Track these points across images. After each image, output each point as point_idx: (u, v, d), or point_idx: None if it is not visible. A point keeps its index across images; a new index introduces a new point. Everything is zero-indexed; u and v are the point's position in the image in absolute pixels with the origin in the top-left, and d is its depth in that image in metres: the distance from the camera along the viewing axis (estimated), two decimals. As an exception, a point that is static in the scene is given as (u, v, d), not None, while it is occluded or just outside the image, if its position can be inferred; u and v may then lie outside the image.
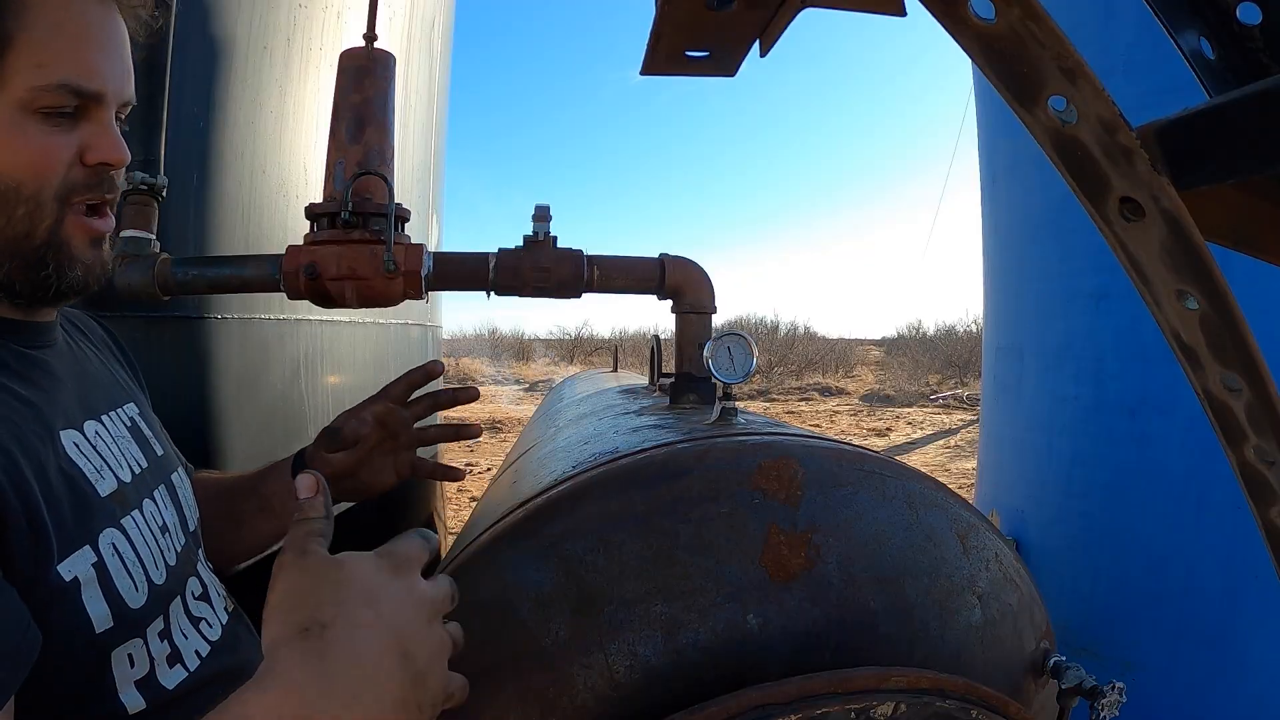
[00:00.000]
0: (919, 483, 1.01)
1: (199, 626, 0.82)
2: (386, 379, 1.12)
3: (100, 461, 0.75)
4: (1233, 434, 0.54)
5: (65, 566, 0.65)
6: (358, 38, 1.36)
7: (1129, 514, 2.37)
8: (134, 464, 0.82)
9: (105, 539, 0.71)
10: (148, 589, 0.74)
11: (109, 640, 0.68)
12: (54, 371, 0.77)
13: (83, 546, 0.67)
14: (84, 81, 0.68)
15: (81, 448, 0.73)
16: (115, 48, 0.72)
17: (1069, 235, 2.58)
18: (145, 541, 0.77)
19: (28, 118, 0.66)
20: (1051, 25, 0.46)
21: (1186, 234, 0.49)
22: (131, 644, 0.70)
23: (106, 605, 0.68)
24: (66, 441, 0.72)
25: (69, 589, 0.65)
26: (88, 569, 0.67)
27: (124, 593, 0.71)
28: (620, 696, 0.83)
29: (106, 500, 0.73)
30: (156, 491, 0.84)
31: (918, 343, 23.85)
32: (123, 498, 0.76)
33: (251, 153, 1.85)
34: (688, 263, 1.49)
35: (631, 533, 0.88)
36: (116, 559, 0.71)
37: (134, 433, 0.86)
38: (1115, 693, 0.99)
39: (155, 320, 1.63)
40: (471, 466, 9.10)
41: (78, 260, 0.73)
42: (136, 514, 0.77)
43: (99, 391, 0.84)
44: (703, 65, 0.76)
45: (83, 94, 0.68)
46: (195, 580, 0.85)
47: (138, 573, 0.74)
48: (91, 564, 0.68)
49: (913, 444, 11.27)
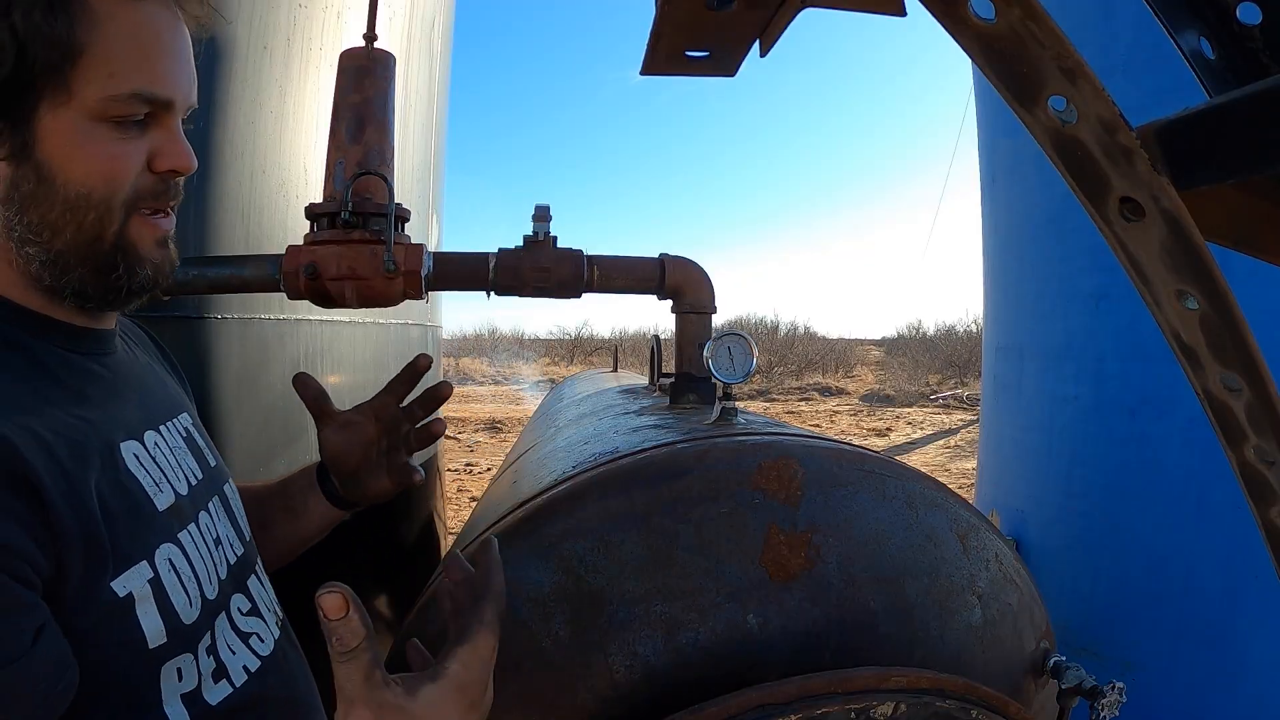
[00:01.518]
0: (919, 483, 1.01)
1: (248, 641, 0.80)
2: (387, 379, 1.12)
3: (159, 474, 0.74)
4: (1233, 434, 0.54)
5: (120, 583, 0.64)
6: (358, 38, 1.36)
7: (1129, 514, 2.37)
8: (190, 476, 0.80)
9: (162, 554, 0.70)
10: (200, 603, 0.74)
11: (161, 655, 0.68)
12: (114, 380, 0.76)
13: (139, 562, 0.67)
14: (155, 90, 0.69)
15: (141, 459, 0.72)
16: (182, 54, 0.72)
17: (1069, 235, 2.58)
18: (200, 556, 0.76)
19: (98, 126, 0.67)
20: (1051, 25, 0.46)
21: (1186, 234, 0.49)
22: (182, 658, 0.70)
23: (161, 620, 0.68)
24: (127, 453, 0.71)
25: (123, 605, 0.64)
26: (143, 585, 0.67)
27: (179, 608, 0.71)
28: (620, 696, 0.83)
29: (164, 514, 0.72)
30: (211, 504, 0.83)
31: (918, 343, 23.86)
32: (180, 511, 0.75)
33: (251, 153, 1.85)
34: (688, 263, 1.49)
35: (631, 533, 0.88)
36: (172, 574, 0.71)
37: (189, 443, 0.84)
38: (1115, 693, 0.99)
39: (155, 320, 1.63)
40: (471, 466, 9.10)
41: (146, 260, 0.73)
42: (192, 527, 0.77)
43: (156, 401, 0.83)
44: (703, 65, 0.76)
45: (154, 101, 0.69)
46: (243, 596, 0.84)
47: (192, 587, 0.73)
48: (147, 580, 0.67)
49: (913, 444, 11.27)
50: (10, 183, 0.66)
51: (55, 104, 0.65)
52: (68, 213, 0.67)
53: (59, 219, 0.67)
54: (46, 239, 0.68)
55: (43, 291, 0.70)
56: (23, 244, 0.67)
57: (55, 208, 0.67)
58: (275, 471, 1.93)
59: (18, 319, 0.69)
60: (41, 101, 0.64)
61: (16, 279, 0.69)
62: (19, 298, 0.69)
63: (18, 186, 0.66)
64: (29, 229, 0.67)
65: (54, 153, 0.66)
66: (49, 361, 0.69)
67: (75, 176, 0.67)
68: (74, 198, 0.67)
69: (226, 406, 1.79)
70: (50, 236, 0.68)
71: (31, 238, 0.67)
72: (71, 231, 0.68)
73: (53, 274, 0.69)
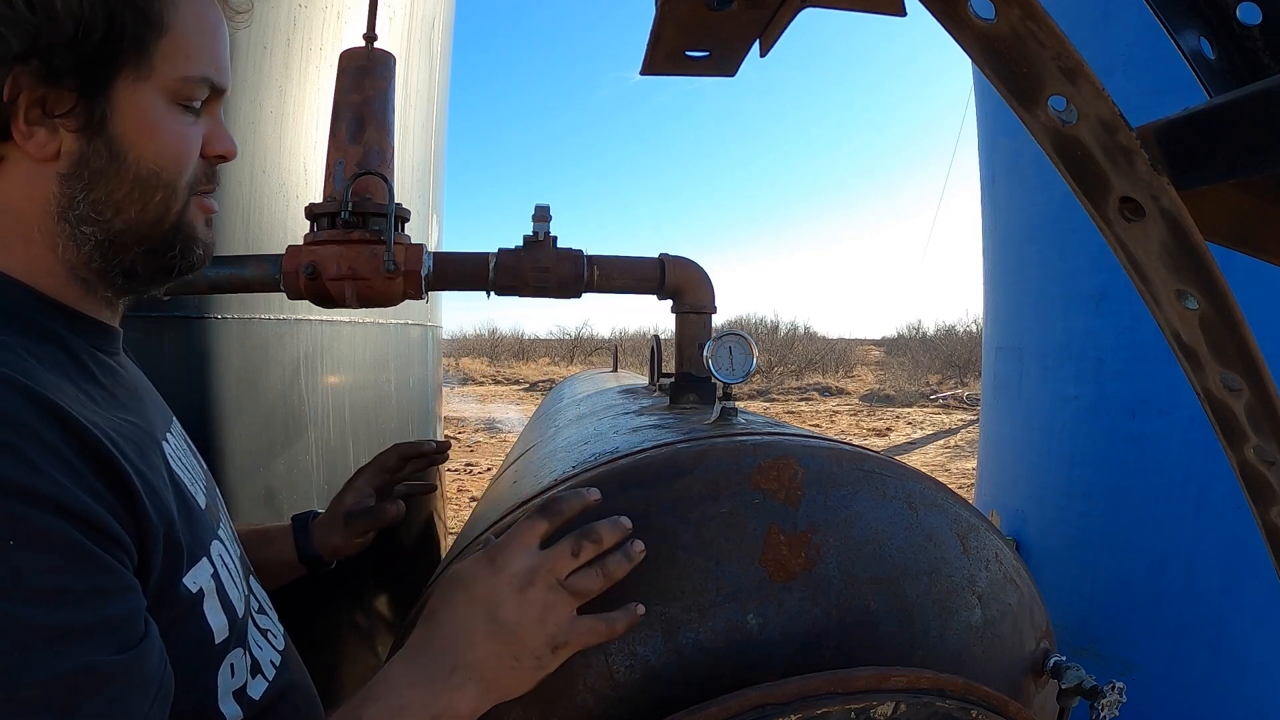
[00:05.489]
0: (919, 483, 1.01)
1: (267, 638, 0.81)
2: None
3: (188, 473, 0.74)
4: (1233, 434, 0.54)
5: (190, 579, 0.65)
6: (358, 38, 1.36)
7: (1129, 514, 2.36)
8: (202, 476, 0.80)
9: (215, 549, 0.71)
10: (242, 599, 0.75)
11: (222, 651, 0.68)
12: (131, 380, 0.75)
13: (201, 559, 0.67)
14: (217, 76, 0.70)
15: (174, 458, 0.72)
16: (228, 44, 0.73)
17: (1069, 235, 2.58)
18: (231, 552, 0.77)
19: (171, 107, 0.67)
20: (1051, 25, 0.46)
21: (1186, 234, 0.49)
22: (235, 653, 0.71)
23: (224, 615, 0.69)
24: (166, 451, 0.70)
25: (194, 600, 0.65)
26: (208, 580, 0.67)
27: (235, 602, 0.71)
28: (620, 696, 0.83)
29: (204, 511, 0.73)
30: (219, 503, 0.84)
31: (918, 343, 23.85)
32: (211, 509, 0.76)
33: (251, 153, 1.85)
34: (688, 263, 1.49)
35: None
36: (225, 569, 0.71)
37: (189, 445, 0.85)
38: (1115, 693, 0.99)
39: (155, 320, 1.63)
40: (471, 466, 9.11)
41: (199, 240, 0.74)
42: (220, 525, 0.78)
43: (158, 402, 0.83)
44: (703, 65, 0.76)
45: (215, 88, 0.70)
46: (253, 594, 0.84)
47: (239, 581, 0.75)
48: (210, 575, 0.68)
49: (913, 444, 11.27)
50: (79, 158, 0.63)
51: (136, 79, 0.64)
52: (135, 191, 0.66)
53: (125, 197, 0.66)
54: (108, 217, 0.66)
55: (79, 282, 0.69)
56: (80, 222, 0.65)
57: (123, 186, 0.65)
58: (276, 471, 1.93)
59: (53, 312, 0.67)
60: (120, 75, 0.63)
61: (56, 267, 0.67)
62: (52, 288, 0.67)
63: (87, 162, 0.64)
64: (92, 206, 0.65)
65: (128, 129, 0.64)
66: (84, 357, 0.67)
67: (147, 154, 0.66)
68: (145, 176, 0.66)
69: (226, 406, 1.79)
70: (112, 215, 0.66)
71: (93, 215, 0.65)
72: (136, 210, 0.67)
73: (104, 255, 0.68)
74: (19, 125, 0.61)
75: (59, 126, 0.62)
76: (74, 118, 0.62)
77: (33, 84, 0.60)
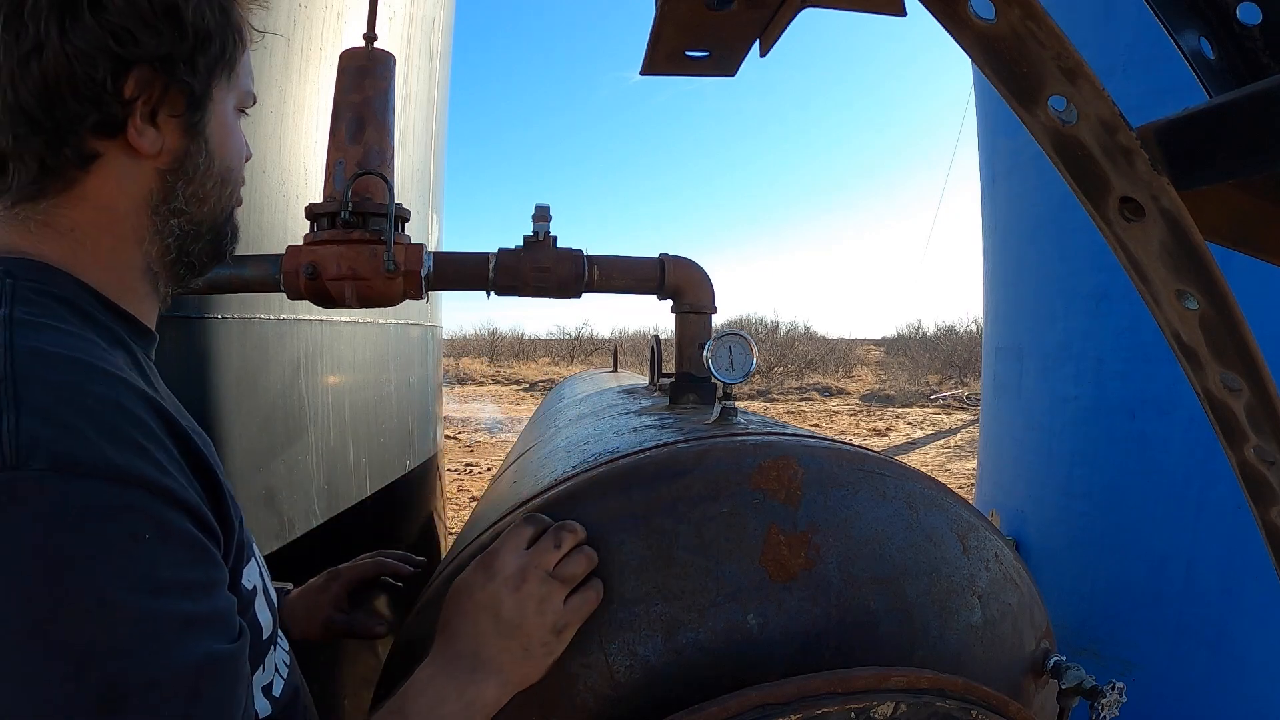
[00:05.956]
0: (919, 483, 1.01)
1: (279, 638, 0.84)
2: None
3: None
4: (1233, 434, 0.54)
5: (247, 576, 0.67)
6: (358, 38, 1.36)
7: (1129, 514, 2.36)
8: None
9: (256, 548, 0.74)
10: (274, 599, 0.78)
11: (266, 647, 0.71)
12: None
13: (251, 557, 0.70)
14: (254, 91, 0.79)
15: None
16: None
17: (1069, 235, 2.58)
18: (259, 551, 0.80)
19: (235, 114, 0.75)
20: (1051, 25, 0.46)
21: (1186, 234, 0.49)
22: (272, 651, 0.74)
23: (269, 613, 0.72)
24: None
25: (250, 597, 0.68)
26: (258, 577, 0.71)
27: (274, 602, 0.75)
28: (620, 696, 0.83)
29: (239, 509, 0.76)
30: None
31: (918, 343, 23.85)
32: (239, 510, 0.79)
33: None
34: (688, 263, 1.49)
35: (631, 532, 0.88)
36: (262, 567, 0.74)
37: None
38: (1115, 693, 0.99)
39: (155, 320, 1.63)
40: (471, 466, 9.11)
41: (238, 229, 0.81)
42: None
43: None
44: (703, 65, 0.76)
45: (254, 99, 0.80)
46: None
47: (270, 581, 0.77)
48: (259, 573, 0.71)
49: (913, 444, 11.27)
50: (183, 153, 0.69)
51: (223, 88, 0.72)
52: (215, 186, 0.73)
53: (209, 191, 0.73)
54: (194, 209, 0.72)
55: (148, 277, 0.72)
56: (172, 215, 0.70)
57: (210, 180, 0.73)
58: (276, 471, 1.93)
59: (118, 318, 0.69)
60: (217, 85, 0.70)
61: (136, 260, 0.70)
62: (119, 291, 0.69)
63: (191, 158, 0.70)
64: (187, 200, 0.71)
65: (215, 131, 0.72)
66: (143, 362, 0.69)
67: (226, 154, 0.74)
68: (224, 172, 0.74)
69: (226, 406, 1.79)
70: (197, 207, 0.72)
71: (184, 208, 0.71)
72: (213, 202, 0.74)
73: (181, 245, 0.72)
74: (135, 122, 0.65)
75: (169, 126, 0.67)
76: (183, 119, 0.68)
77: (153, 85, 0.65)
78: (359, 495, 2.38)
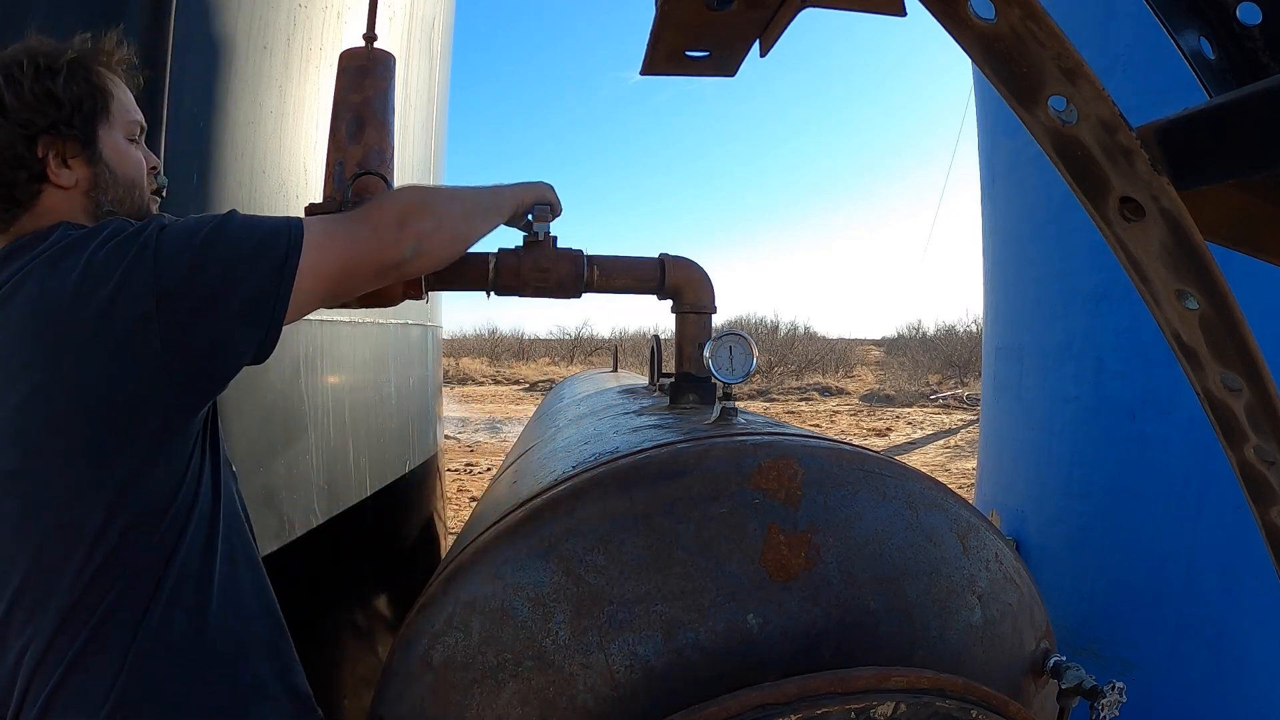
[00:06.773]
0: (919, 483, 1.01)
1: None
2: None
3: None
4: (1233, 434, 0.54)
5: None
6: (358, 38, 1.36)
7: (1129, 514, 2.36)
8: None
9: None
10: None
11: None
12: None
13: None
14: (139, 119, 1.12)
15: None
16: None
17: (1069, 235, 2.58)
18: None
19: (125, 141, 1.08)
20: (1051, 25, 0.46)
21: (1186, 234, 0.49)
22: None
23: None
24: None
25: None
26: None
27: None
28: (620, 696, 0.83)
29: None
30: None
31: (918, 343, 23.84)
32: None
33: (251, 153, 1.85)
34: (688, 263, 1.49)
35: (631, 533, 0.88)
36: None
37: None
38: (1115, 693, 0.99)
39: (155, 320, 1.63)
40: (471, 466, 9.11)
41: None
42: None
43: None
44: (703, 65, 0.76)
45: (140, 125, 1.12)
46: None
47: None
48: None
49: (913, 444, 11.27)
50: (93, 177, 1.04)
51: (107, 127, 1.05)
52: (125, 191, 1.08)
53: (123, 196, 1.07)
54: (118, 208, 1.06)
55: None
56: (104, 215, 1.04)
57: (119, 188, 1.07)
58: (275, 471, 1.93)
59: None
60: (99, 127, 1.04)
61: None
62: None
63: (99, 178, 1.05)
64: (111, 203, 1.05)
65: (112, 157, 1.06)
66: None
67: (126, 169, 1.08)
68: (129, 182, 1.08)
69: (226, 406, 1.79)
70: (119, 206, 1.06)
71: (111, 209, 1.05)
72: (129, 202, 1.08)
73: None
74: (51, 169, 1.01)
75: (76, 163, 1.02)
76: (81, 156, 1.03)
77: (53, 144, 1.00)
78: (359, 495, 2.38)
